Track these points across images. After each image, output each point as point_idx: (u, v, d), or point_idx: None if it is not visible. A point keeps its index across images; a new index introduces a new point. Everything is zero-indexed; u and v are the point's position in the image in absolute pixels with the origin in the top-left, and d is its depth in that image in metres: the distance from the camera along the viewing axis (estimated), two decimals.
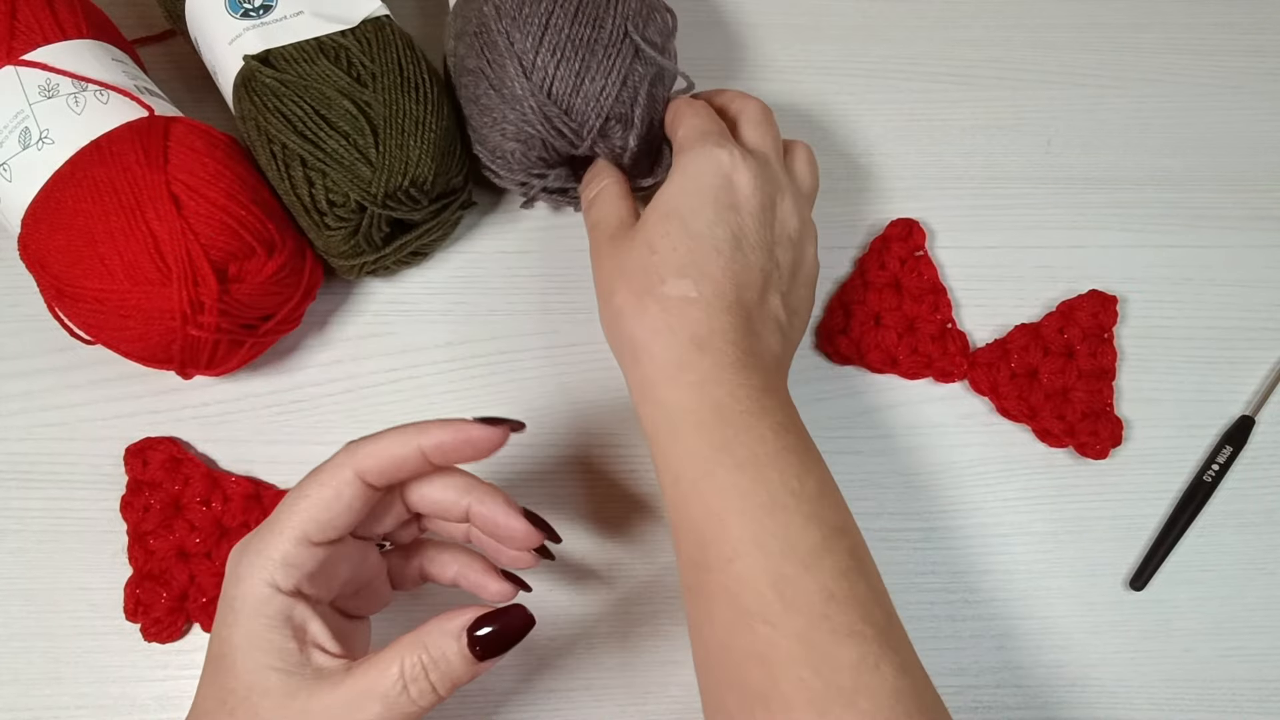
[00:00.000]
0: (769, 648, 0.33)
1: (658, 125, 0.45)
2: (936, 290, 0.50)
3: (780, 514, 0.35)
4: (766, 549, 0.34)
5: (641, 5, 0.44)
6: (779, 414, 0.37)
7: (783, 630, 0.33)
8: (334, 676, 0.32)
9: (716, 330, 0.38)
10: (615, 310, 0.40)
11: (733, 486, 0.36)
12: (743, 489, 0.35)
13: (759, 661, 0.33)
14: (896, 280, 0.50)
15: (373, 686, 0.32)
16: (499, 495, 0.37)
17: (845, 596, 0.34)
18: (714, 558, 0.35)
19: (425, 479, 0.37)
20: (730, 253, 0.39)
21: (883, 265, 0.50)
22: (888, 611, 0.35)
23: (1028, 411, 0.48)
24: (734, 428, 0.36)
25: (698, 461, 0.36)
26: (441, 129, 0.44)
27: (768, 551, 0.34)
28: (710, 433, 0.36)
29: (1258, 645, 0.46)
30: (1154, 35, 0.56)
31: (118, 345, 0.42)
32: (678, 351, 0.38)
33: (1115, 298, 0.49)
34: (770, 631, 0.33)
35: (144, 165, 0.41)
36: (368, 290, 0.49)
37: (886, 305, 0.49)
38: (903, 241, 0.50)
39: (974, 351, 0.49)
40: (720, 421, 0.36)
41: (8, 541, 0.45)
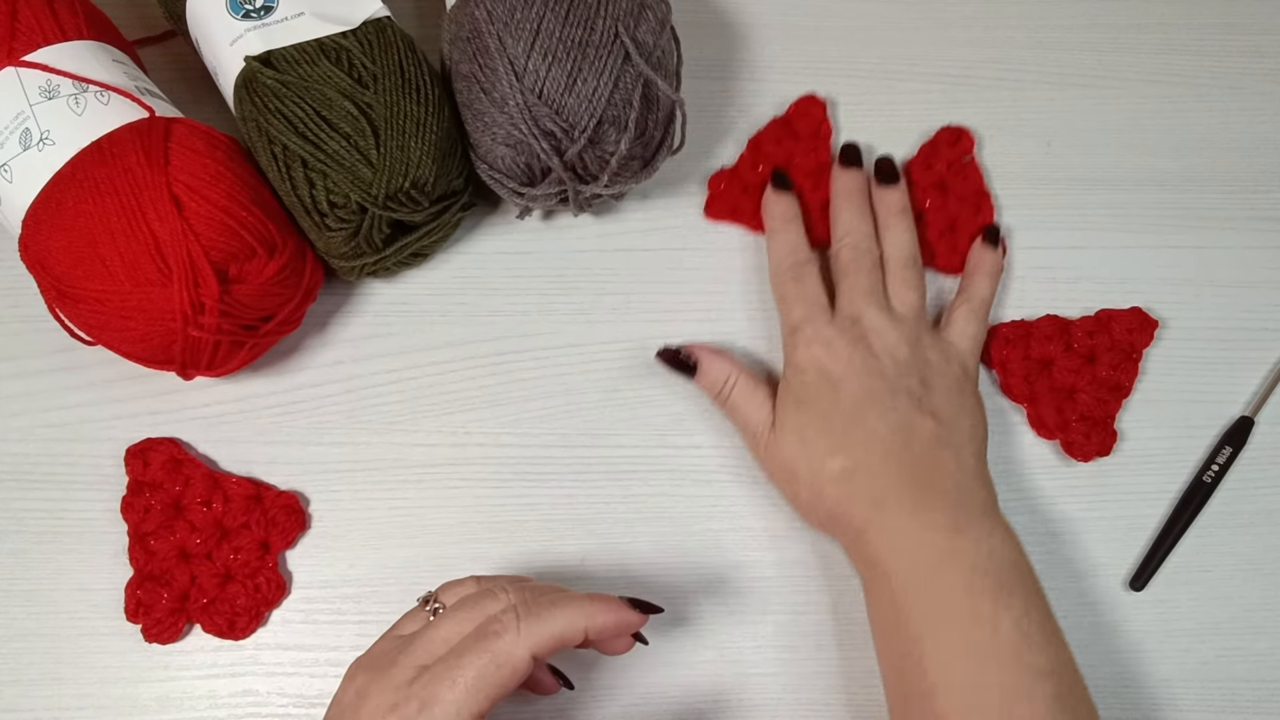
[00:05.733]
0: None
1: (651, 127, 0.45)
2: (980, 194, 0.51)
3: (973, 659, 0.39)
4: (961, 692, 0.38)
5: (632, 4, 0.44)
6: (971, 554, 0.40)
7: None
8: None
9: (885, 485, 0.42)
10: (803, 503, 0.45)
11: (924, 633, 0.39)
12: (935, 635, 0.39)
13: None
14: (942, 181, 0.51)
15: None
16: (609, 610, 0.36)
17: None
18: (913, 691, 0.39)
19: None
20: (860, 416, 0.43)
21: (929, 166, 0.51)
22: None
23: (1028, 394, 0.48)
24: (923, 575, 0.40)
25: (891, 605, 0.41)
26: (442, 130, 0.44)
27: (963, 695, 0.38)
28: (901, 581, 0.41)
29: (1257, 645, 0.46)
30: (1154, 35, 0.55)
31: (118, 346, 0.42)
32: (863, 515, 0.42)
33: (1156, 322, 0.49)
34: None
35: (145, 166, 0.41)
36: (368, 291, 0.49)
37: (931, 204, 0.50)
38: (951, 146, 0.51)
39: (996, 325, 0.49)
40: (910, 570, 0.41)
41: (8, 542, 0.45)
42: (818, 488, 0.43)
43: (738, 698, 0.45)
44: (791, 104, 0.52)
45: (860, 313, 0.46)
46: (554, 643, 0.35)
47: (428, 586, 0.43)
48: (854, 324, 0.45)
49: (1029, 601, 0.40)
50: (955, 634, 0.39)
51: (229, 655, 0.45)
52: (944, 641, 0.39)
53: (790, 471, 0.44)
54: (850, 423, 0.43)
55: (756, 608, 0.46)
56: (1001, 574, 0.40)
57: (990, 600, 0.39)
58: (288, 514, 0.45)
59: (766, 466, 0.46)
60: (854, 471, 0.43)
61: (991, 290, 0.49)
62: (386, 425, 0.47)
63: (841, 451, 0.43)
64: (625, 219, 0.51)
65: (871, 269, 0.47)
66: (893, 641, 0.41)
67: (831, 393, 0.44)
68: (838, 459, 0.43)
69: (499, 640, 0.34)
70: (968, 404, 0.45)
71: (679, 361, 0.46)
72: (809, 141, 0.51)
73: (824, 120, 0.51)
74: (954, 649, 0.39)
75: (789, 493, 0.45)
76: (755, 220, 0.51)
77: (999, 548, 0.41)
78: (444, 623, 0.36)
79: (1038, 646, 0.39)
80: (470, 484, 0.47)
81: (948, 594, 0.40)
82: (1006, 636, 0.39)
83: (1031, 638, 0.39)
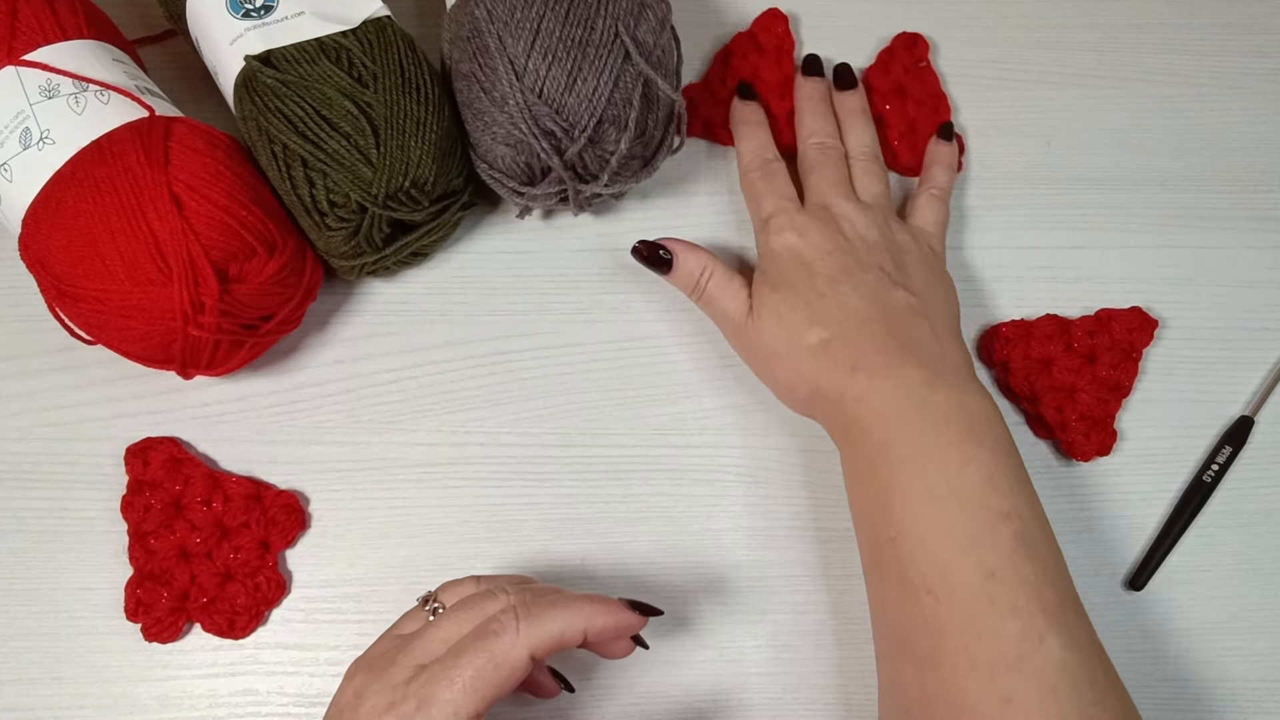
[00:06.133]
0: (935, 618, 0.38)
1: (651, 127, 0.45)
2: (937, 96, 0.53)
3: (936, 504, 0.39)
4: (923, 535, 0.39)
5: (632, 3, 0.44)
6: (942, 406, 0.41)
7: (946, 603, 0.38)
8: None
9: (860, 349, 0.43)
10: (784, 383, 0.46)
11: (893, 481, 0.40)
12: (901, 483, 0.40)
13: (927, 631, 0.38)
14: (900, 86, 0.53)
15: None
16: (608, 612, 0.36)
17: (1008, 576, 0.38)
18: (881, 538, 0.40)
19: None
20: (831, 290, 0.44)
21: (887, 72, 0.53)
22: (1061, 593, 0.38)
23: (1028, 393, 0.48)
24: (894, 427, 0.41)
25: (865, 461, 0.42)
26: (442, 130, 0.44)
27: (924, 537, 0.39)
28: (874, 435, 0.41)
29: (1257, 645, 0.46)
30: (1154, 35, 0.56)
31: (118, 345, 0.42)
32: (840, 381, 0.43)
33: (1156, 321, 0.49)
34: (934, 603, 0.38)
35: (145, 165, 0.41)
36: (368, 290, 0.49)
37: (890, 108, 0.52)
38: (908, 51, 0.53)
39: (996, 325, 0.50)
40: (882, 424, 0.41)
41: (8, 542, 0.45)
42: (796, 363, 0.44)
43: (738, 698, 0.45)
44: (755, 19, 0.53)
45: (829, 201, 0.47)
46: (553, 644, 0.35)
47: (428, 586, 0.43)
48: (824, 210, 0.47)
49: (997, 450, 0.40)
50: (921, 479, 0.40)
51: (229, 654, 0.45)
52: (910, 487, 0.40)
53: (770, 351, 0.45)
54: (825, 297, 0.44)
55: (756, 607, 0.46)
56: (972, 424, 0.41)
57: (958, 447, 0.40)
58: (288, 513, 0.45)
59: (746, 355, 0.47)
60: (830, 341, 0.43)
61: (949, 180, 0.51)
62: (386, 425, 0.47)
63: (818, 324, 0.44)
64: (625, 219, 0.51)
65: (837, 163, 0.49)
66: (863, 491, 0.42)
67: (806, 273, 0.45)
68: (815, 331, 0.44)
69: (498, 640, 0.34)
70: (939, 278, 0.47)
71: (655, 256, 0.47)
72: (774, 55, 0.53)
73: (787, 34, 0.53)
74: (919, 494, 0.39)
75: (769, 376, 0.46)
76: (726, 133, 0.52)
77: (971, 401, 0.42)
78: (443, 623, 0.36)
79: (1002, 491, 0.39)
80: (470, 484, 0.47)
81: (917, 442, 0.40)
82: (972, 481, 0.39)
83: (996, 483, 0.39)
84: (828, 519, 0.47)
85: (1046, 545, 0.39)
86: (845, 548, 0.47)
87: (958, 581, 0.38)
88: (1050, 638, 0.36)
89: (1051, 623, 0.37)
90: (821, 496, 0.47)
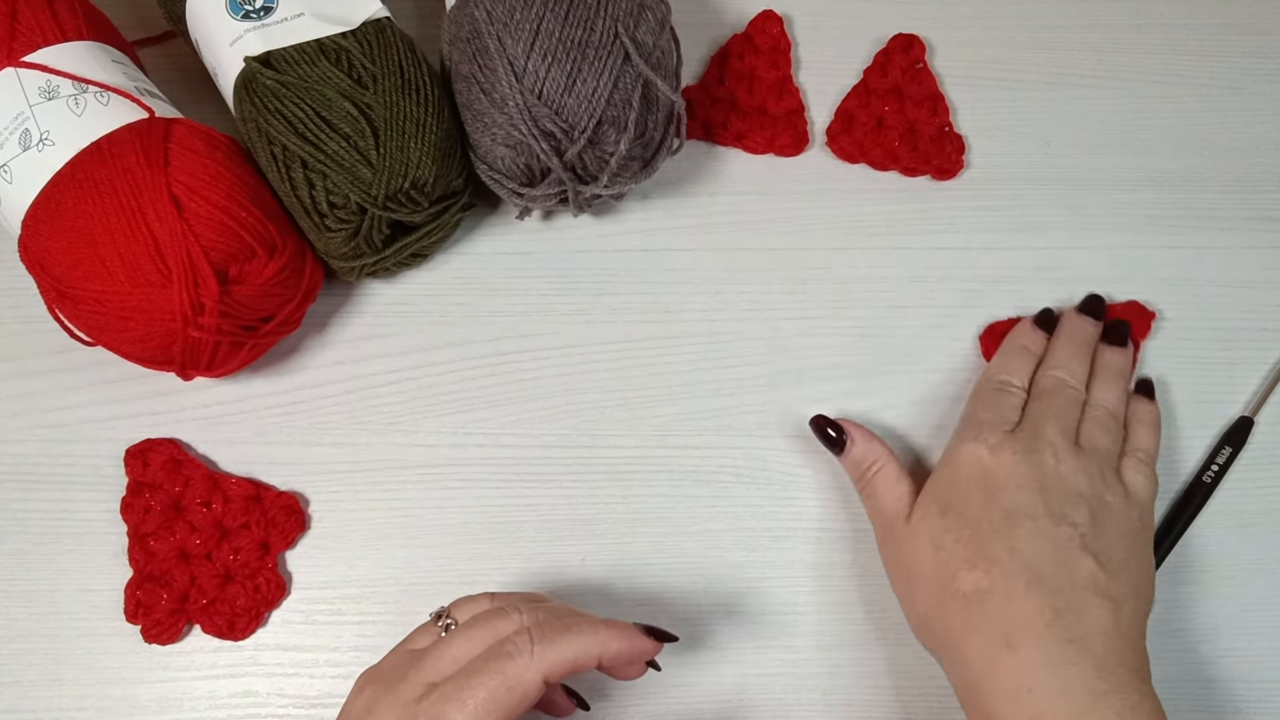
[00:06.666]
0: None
1: (651, 128, 0.45)
2: (935, 97, 0.53)
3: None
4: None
5: (632, 4, 0.44)
6: (1110, 715, 0.35)
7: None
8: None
9: (1023, 621, 0.37)
10: (921, 616, 0.41)
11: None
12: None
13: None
14: (897, 87, 0.53)
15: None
16: (624, 637, 0.36)
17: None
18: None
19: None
20: (1007, 529, 0.39)
21: (884, 74, 0.53)
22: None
23: None
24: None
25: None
26: (442, 131, 0.44)
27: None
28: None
29: (1258, 645, 0.46)
30: (1154, 35, 0.55)
31: (118, 347, 0.42)
32: (989, 653, 0.37)
33: (1154, 314, 0.50)
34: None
35: (144, 167, 0.41)
36: (368, 292, 0.49)
37: (889, 109, 0.53)
38: (904, 53, 0.53)
39: (996, 323, 0.50)
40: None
41: (8, 543, 0.45)
42: (941, 602, 0.39)
43: (738, 698, 0.45)
44: (750, 20, 0.54)
45: (1042, 430, 0.42)
46: (567, 667, 0.34)
47: (428, 587, 0.43)
48: (1032, 437, 0.42)
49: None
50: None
51: (229, 656, 0.45)
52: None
53: (915, 575, 0.41)
54: (997, 535, 0.39)
55: (756, 608, 0.46)
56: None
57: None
58: (287, 514, 0.45)
59: (890, 562, 0.44)
60: (989, 594, 0.38)
61: (1155, 442, 0.45)
62: (386, 425, 0.47)
63: (979, 567, 0.38)
64: (625, 219, 0.51)
65: (1070, 402, 0.44)
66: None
67: (984, 498, 0.40)
68: (973, 575, 0.38)
69: (512, 662, 0.33)
70: (1140, 559, 0.41)
71: (830, 435, 0.45)
72: (769, 55, 0.53)
73: (783, 34, 0.54)
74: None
75: (906, 598, 0.42)
76: (720, 132, 0.52)
77: (1142, 707, 0.36)
78: (455, 640, 0.35)
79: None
80: (470, 484, 0.47)
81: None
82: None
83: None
84: (828, 519, 0.47)
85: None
86: (845, 548, 0.47)
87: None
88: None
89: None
90: (821, 496, 0.47)
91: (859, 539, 0.47)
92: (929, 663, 0.44)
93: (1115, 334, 0.48)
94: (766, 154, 0.52)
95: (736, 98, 0.53)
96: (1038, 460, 0.41)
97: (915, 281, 0.51)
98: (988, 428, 0.43)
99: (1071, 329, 0.48)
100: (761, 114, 0.52)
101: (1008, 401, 0.45)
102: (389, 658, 0.37)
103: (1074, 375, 0.45)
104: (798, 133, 0.52)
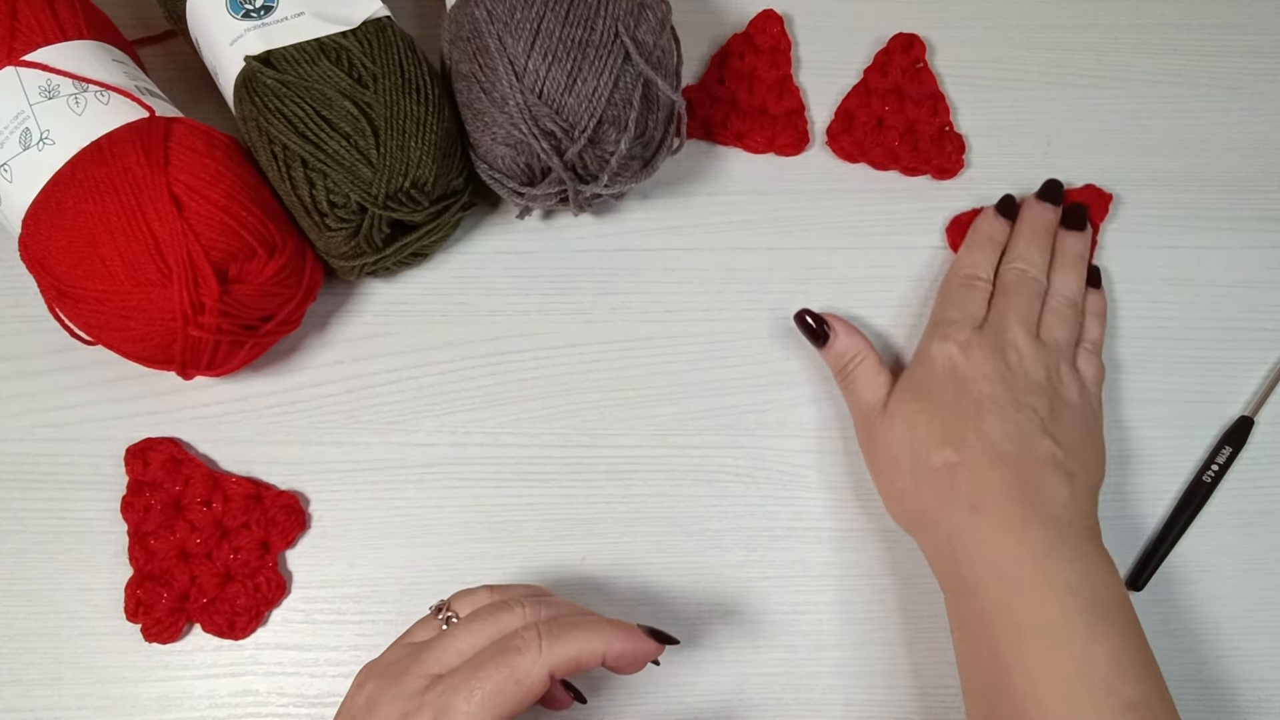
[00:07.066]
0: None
1: (651, 127, 0.45)
2: (935, 97, 0.53)
3: (1059, 685, 0.37)
4: (1048, 714, 0.37)
5: (632, 4, 0.44)
6: (1066, 573, 0.39)
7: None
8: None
9: (987, 489, 0.41)
10: (897, 492, 0.44)
11: (1012, 652, 0.38)
12: (1022, 656, 0.38)
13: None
14: (898, 87, 0.53)
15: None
16: (628, 638, 0.36)
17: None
18: (999, 711, 0.38)
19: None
20: (977, 417, 0.42)
21: (885, 74, 0.53)
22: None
23: None
24: (1013, 590, 0.39)
25: (979, 619, 0.40)
26: (442, 130, 0.44)
27: (1049, 716, 0.37)
28: (991, 595, 0.39)
29: (1257, 645, 0.46)
30: (1154, 35, 0.55)
31: (118, 346, 0.42)
32: (957, 518, 0.41)
33: (1110, 195, 0.51)
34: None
35: (145, 166, 0.41)
36: (368, 291, 0.49)
37: (889, 109, 0.53)
38: (904, 53, 0.53)
39: (959, 214, 0.51)
40: (1000, 584, 0.39)
41: (8, 542, 0.45)
42: (918, 478, 0.43)
43: (737, 698, 0.45)
44: (751, 19, 0.54)
45: (1006, 327, 0.45)
46: (572, 664, 0.34)
47: (428, 586, 0.43)
48: (997, 334, 0.45)
49: (1125, 630, 0.38)
50: (1043, 655, 0.38)
51: (229, 655, 0.45)
52: (1031, 662, 0.38)
53: (892, 457, 0.44)
54: (965, 420, 0.42)
55: (756, 608, 0.46)
56: (1097, 599, 0.39)
57: (1085, 625, 0.38)
58: (287, 514, 0.45)
59: (867, 449, 0.46)
60: (958, 468, 0.41)
61: (1101, 332, 0.48)
62: (386, 425, 0.47)
63: (950, 445, 0.42)
64: (625, 219, 0.51)
65: (1031, 295, 0.47)
66: (975, 655, 0.40)
67: (954, 389, 0.43)
68: (944, 452, 0.42)
69: (520, 656, 0.34)
70: (1092, 439, 0.45)
71: (814, 328, 0.47)
72: (770, 55, 0.53)
73: (783, 34, 0.54)
74: (1041, 672, 0.37)
75: (884, 480, 0.45)
76: (720, 131, 0.52)
77: (1096, 573, 0.40)
78: (458, 633, 0.35)
79: (1131, 679, 0.37)
80: (470, 484, 0.47)
81: (1040, 615, 0.38)
82: (1099, 662, 0.37)
83: (1125, 668, 0.37)
84: (828, 519, 0.47)
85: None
86: (844, 547, 0.47)
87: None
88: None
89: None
90: (821, 496, 0.47)
91: (859, 539, 0.47)
92: (929, 663, 0.44)
93: (1074, 218, 0.50)
94: (767, 154, 0.53)
95: (737, 97, 0.53)
96: (1002, 357, 0.44)
97: (916, 281, 0.51)
98: (956, 326, 0.45)
99: (1032, 216, 0.50)
100: (762, 113, 0.52)
101: (973, 298, 0.47)
102: (390, 651, 0.37)
103: (1035, 266, 0.48)
104: (798, 132, 0.52)
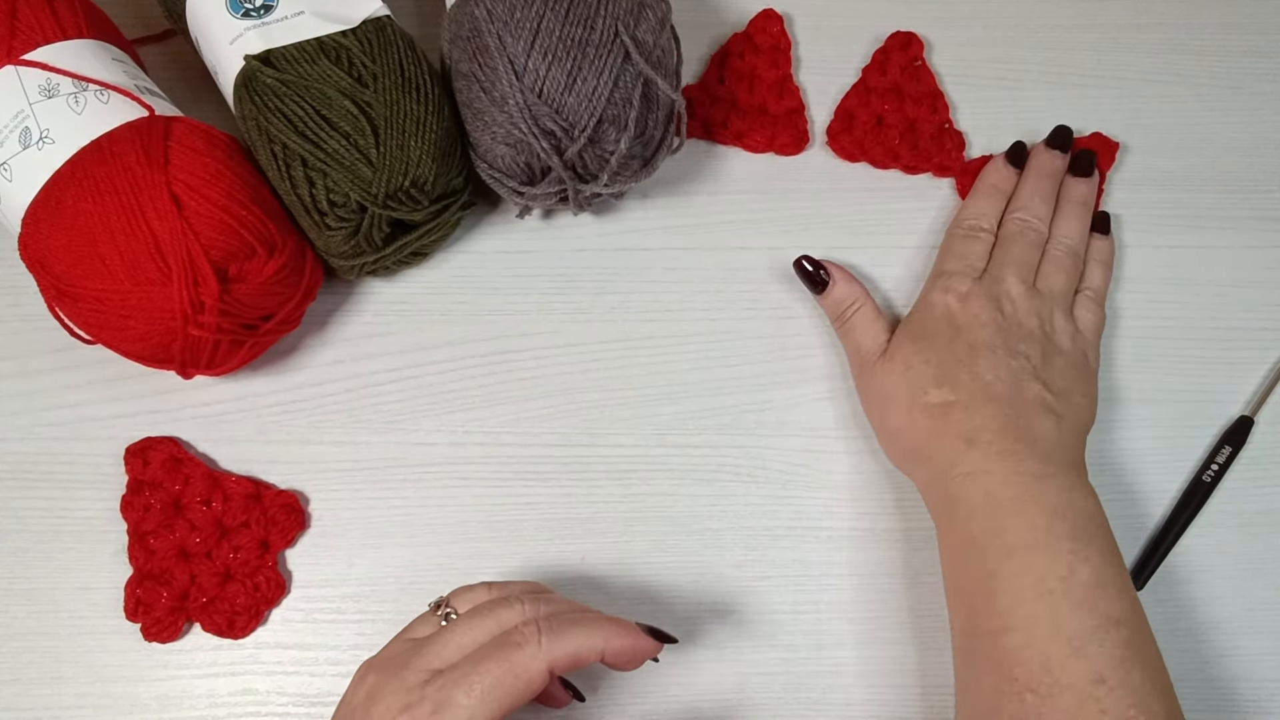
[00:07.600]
0: (1036, 717, 0.37)
1: (651, 127, 0.45)
2: (934, 94, 0.53)
3: (1045, 600, 0.38)
4: (1031, 631, 0.38)
5: (632, 3, 0.44)
6: (1053, 499, 0.41)
7: (1051, 704, 0.37)
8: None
9: (980, 425, 0.42)
10: (892, 430, 0.45)
11: (999, 570, 0.39)
12: (1009, 573, 0.39)
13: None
14: (897, 85, 0.53)
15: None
16: (627, 635, 0.37)
17: (1117, 683, 0.37)
18: (984, 628, 0.39)
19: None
20: (971, 360, 0.44)
21: (883, 72, 0.53)
22: (1168, 706, 0.38)
23: None
24: (1003, 513, 0.40)
25: (968, 543, 0.41)
26: (442, 129, 0.44)
27: (1032, 633, 0.38)
28: (981, 519, 0.41)
29: (1257, 645, 0.46)
30: (1154, 35, 0.55)
31: (118, 345, 0.42)
32: (951, 450, 0.42)
33: (1117, 144, 0.52)
34: (1038, 703, 0.37)
35: (144, 165, 0.41)
36: (368, 290, 0.49)
37: (889, 108, 0.53)
38: (902, 51, 0.53)
39: (969, 160, 0.52)
40: (990, 508, 0.41)
41: (8, 541, 0.45)
42: (914, 415, 0.44)
43: (737, 697, 0.45)
44: (751, 19, 0.54)
45: (1003, 277, 0.47)
46: (571, 660, 0.35)
47: (427, 585, 0.43)
48: (994, 284, 0.46)
49: (1106, 552, 0.40)
50: (1030, 573, 0.39)
51: (229, 654, 0.45)
52: (1018, 579, 0.39)
53: (889, 395, 0.45)
54: (960, 363, 0.44)
55: (756, 607, 0.46)
56: (1082, 522, 0.40)
57: (1069, 544, 0.39)
58: (287, 513, 0.45)
59: (865, 393, 0.47)
60: (952, 406, 0.43)
61: (1105, 280, 0.49)
62: (386, 425, 0.47)
63: (946, 384, 0.43)
64: (625, 218, 0.51)
65: (1031, 245, 0.48)
66: (964, 577, 0.41)
67: (951, 334, 0.45)
68: (940, 391, 0.43)
69: (520, 651, 0.34)
70: (1082, 386, 0.46)
71: (813, 274, 0.48)
72: (770, 54, 0.53)
73: (783, 33, 0.54)
74: (1027, 588, 0.39)
75: (880, 420, 0.46)
76: (720, 131, 0.52)
77: (1082, 500, 0.41)
78: (458, 629, 0.36)
79: (1112, 596, 0.39)
80: (470, 483, 0.47)
81: (1026, 533, 0.40)
82: (1083, 580, 0.38)
83: (1107, 586, 0.39)
84: (827, 519, 0.47)
85: (1154, 656, 0.39)
86: (844, 547, 0.47)
87: (1066, 684, 0.37)
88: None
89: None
90: (821, 496, 0.47)
91: (859, 538, 0.47)
92: (929, 663, 0.44)
93: (1080, 164, 0.51)
94: (767, 153, 0.53)
95: (737, 97, 0.53)
96: (997, 306, 0.46)
97: (917, 280, 0.51)
98: (956, 278, 0.47)
99: (1039, 164, 0.50)
100: (762, 113, 0.52)
101: (974, 249, 0.48)
102: (390, 646, 0.37)
103: (1037, 215, 0.49)
104: (798, 131, 0.52)
